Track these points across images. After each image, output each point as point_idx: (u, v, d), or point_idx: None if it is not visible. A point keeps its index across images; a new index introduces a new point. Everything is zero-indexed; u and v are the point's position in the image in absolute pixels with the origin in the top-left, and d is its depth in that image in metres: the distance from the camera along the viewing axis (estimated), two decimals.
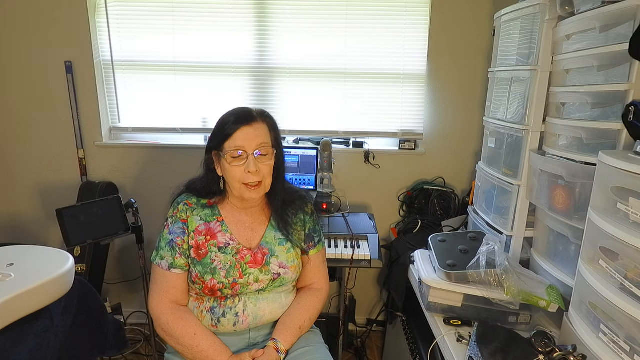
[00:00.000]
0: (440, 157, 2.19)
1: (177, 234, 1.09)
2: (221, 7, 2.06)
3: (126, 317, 2.31)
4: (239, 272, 1.06)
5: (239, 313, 1.07)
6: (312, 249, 1.17)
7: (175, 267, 1.08)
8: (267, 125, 1.08)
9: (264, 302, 1.09)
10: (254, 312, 1.08)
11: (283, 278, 1.10)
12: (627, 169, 0.86)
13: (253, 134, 1.04)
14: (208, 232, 1.10)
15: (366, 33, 2.08)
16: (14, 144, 2.19)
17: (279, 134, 1.13)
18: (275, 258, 1.09)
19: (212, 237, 1.09)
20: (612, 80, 1.09)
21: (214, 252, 1.08)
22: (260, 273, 1.08)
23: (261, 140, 1.04)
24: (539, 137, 1.39)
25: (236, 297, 1.08)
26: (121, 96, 2.19)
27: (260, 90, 2.17)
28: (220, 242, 1.09)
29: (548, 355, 0.99)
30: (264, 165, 1.05)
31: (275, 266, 1.09)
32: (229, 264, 1.06)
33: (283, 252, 1.11)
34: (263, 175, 1.05)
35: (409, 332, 1.71)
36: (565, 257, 1.26)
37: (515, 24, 1.53)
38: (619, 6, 1.03)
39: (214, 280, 1.05)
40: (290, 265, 1.11)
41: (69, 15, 2.03)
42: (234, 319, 1.07)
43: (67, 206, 1.57)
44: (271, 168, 1.08)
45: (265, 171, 1.05)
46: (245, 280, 1.07)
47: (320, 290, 1.19)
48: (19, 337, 1.10)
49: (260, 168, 1.04)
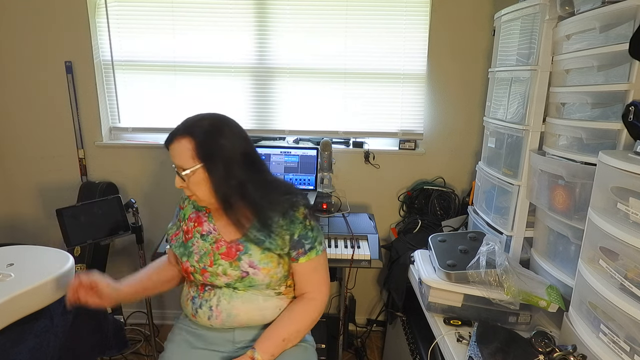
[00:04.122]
0: (440, 157, 2.19)
1: (177, 218, 1.22)
2: (221, 7, 2.06)
3: (126, 317, 2.31)
4: (210, 260, 1.08)
5: (212, 307, 1.08)
6: (301, 257, 1.08)
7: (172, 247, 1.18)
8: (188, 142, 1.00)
9: (238, 301, 1.08)
10: (227, 308, 1.07)
11: (252, 278, 1.06)
12: (627, 169, 0.86)
13: (173, 153, 1.03)
14: (197, 219, 1.15)
15: (366, 33, 2.08)
16: (14, 144, 2.19)
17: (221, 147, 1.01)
18: (247, 256, 1.06)
19: (198, 224, 1.14)
20: (612, 80, 1.09)
21: (197, 238, 1.12)
22: (230, 267, 1.06)
23: (176, 162, 1.03)
24: (539, 137, 1.39)
25: (212, 291, 1.10)
26: (121, 96, 2.19)
27: (260, 90, 2.17)
28: (204, 230, 1.12)
29: (548, 355, 0.99)
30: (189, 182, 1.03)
31: (245, 264, 1.06)
32: (204, 251, 1.09)
33: (257, 252, 1.06)
34: (190, 190, 1.05)
35: (409, 332, 1.71)
36: (565, 257, 1.26)
37: (515, 24, 1.53)
38: (619, 6, 1.03)
39: (187, 263, 1.09)
40: (262, 267, 1.05)
41: (69, 15, 2.03)
42: (208, 312, 1.08)
43: (67, 206, 1.57)
44: (197, 184, 1.02)
45: (190, 187, 1.04)
46: (214, 270, 1.07)
47: (313, 301, 1.11)
48: (19, 337, 1.10)
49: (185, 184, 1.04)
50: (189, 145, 1.00)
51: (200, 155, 1.00)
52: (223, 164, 1.01)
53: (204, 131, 1.02)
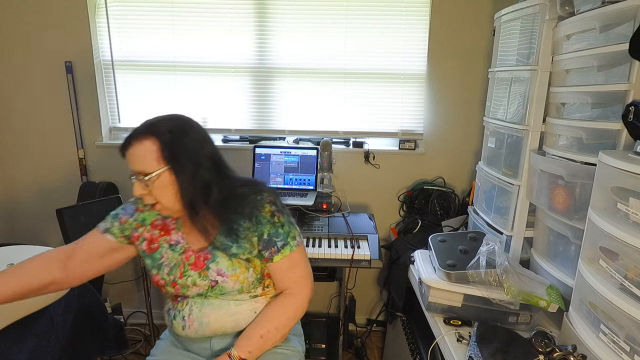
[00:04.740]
0: (440, 157, 2.19)
1: (125, 212, 1.08)
2: (221, 7, 2.06)
3: (126, 317, 2.31)
4: (180, 272, 1.03)
5: (185, 317, 1.05)
6: (275, 255, 1.03)
7: (110, 233, 1.06)
8: (152, 143, 0.93)
9: (209, 308, 1.04)
10: (198, 317, 1.04)
11: (222, 286, 1.02)
12: (627, 169, 0.86)
13: (131, 158, 0.95)
14: (163, 227, 1.08)
15: (366, 33, 2.08)
16: (14, 144, 2.19)
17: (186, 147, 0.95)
18: (215, 264, 1.02)
19: (166, 232, 1.07)
20: (612, 80, 1.09)
21: (165, 248, 1.06)
22: (199, 277, 1.02)
23: (137, 167, 0.94)
24: (539, 137, 1.39)
25: (185, 300, 1.06)
26: (121, 96, 2.19)
27: (260, 90, 2.17)
28: (172, 239, 1.07)
29: (548, 355, 0.99)
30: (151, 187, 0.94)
31: (213, 272, 1.02)
32: (174, 262, 1.04)
33: (224, 260, 1.02)
34: (153, 197, 0.96)
35: (409, 332, 1.71)
36: (565, 257, 1.26)
37: (515, 24, 1.53)
38: (619, 6, 1.03)
39: (158, 276, 1.05)
40: (230, 274, 1.01)
41: (69, 15, 2.03)
42: (182, 322, 1.05)
43: (67, 206, 1.57)
44: (162, 189, 0.94)
45: (154, 193, 0.95)
46: (184, 282, 1.03)
47: (292, 296, 1.06)
48: (19, 337, 1.10)
49: (147, 191, 0.95)
50: (154, 146, 0.93)
51: (166, 157, 0.93)
52: (190, 166, 0.95)
53: (169, 131, 0.95)
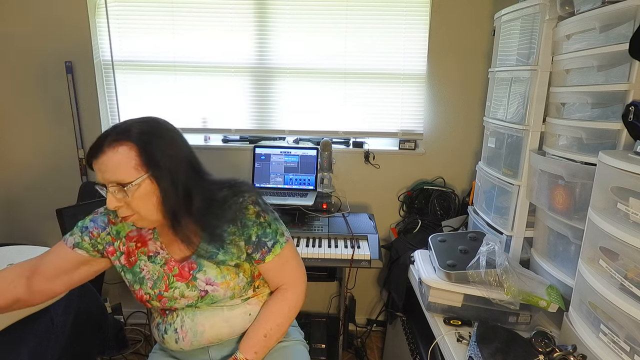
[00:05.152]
0: (440, 157, 2.18)
1: (96, 225, 1.00)
2: (221, 7, 2.06)
3: (126, 317, 2.31)
4: (165, 284, 0.98)
5: (177, 329, 1.00)
6: (267, 255, 1.00)
7: (80, 247, 0.98)
8: (129, 149, 0.84)
9: (202, 317, 1.00)
10: (192, 327, 1.00)
11: (212, 295, 0.97)
12: (627, 169, 0.86)
13: (103, 167, 0.85)
14: (139, 238, 1.01)
15: (366, 33, 2.08)
16: (14, 143, 2.19)
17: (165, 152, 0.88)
18: (202, 273, 0.97)
19: (142, 244, 1.01)
20: (612, 80, 1.09)
21: (143, 261, 1.00)
22: (187, 288, 0.97)
23: (110, 176, 0.84)
24: (539, 137, 1.39)
25: (174, 312, 1.02)
26: (121, 96, 2.19)
27: (260, 90, 2.17)
28: (150, 251, 1.00)
29: (548, 355, 0.99)
30: (126, 199, 0.86)
31: (202, 282, 0.97)
32: (157, 275, 0.98)
33: (212, 268, 0.97)
34: (131, 208, 0.87)
35: (409, 332, 1.71)
36: (565, 257, 1.26)
37: (515, 24, 1.53)
38: (619, 6, 1.03)
39: (141, 291, 0.99)
40: (220, 282, 0.97)
41: (69, 15, 2.03)
42: (175, 335, 1.01)
43: (67, 206, 1.57)
44: (142, 198, 0.86)
45: (133, 204, 0.86)
46: (171, 294, 0.98)
47: (289, 291, 1.05)
48: (19, 338, 1.10)
49: (124, 202, 0.87)
50: (131, 152, 0.84)
51: (145, 163, 0.85)
52: (169, 172, 0.87)
53: (146, 134, 0.87)
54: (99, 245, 1.00)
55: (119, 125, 0.89)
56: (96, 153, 0.85)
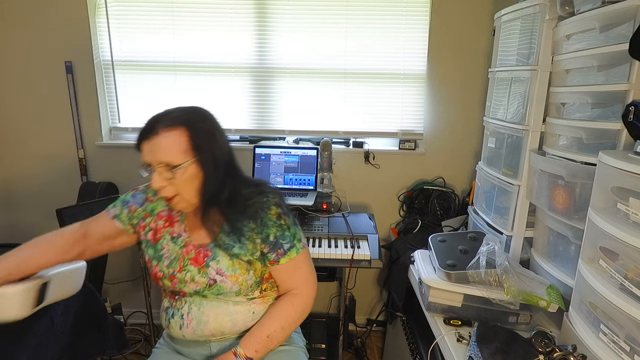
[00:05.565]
0: (440, 157, 2.19)
1: (135, 201, 1.09)
2: (221, 7, 2.06)
3: (126, 317, 2.31)
4: (180, 265, 1.02)
5: (183, 315, 1.04)
6: (282, 257, 1.02)
7: (119, 219, 1.07)
8: (182, 134, 0.91)
9: (208, 307, 1.03)
10: (197, 315, 1.03)
11: (220, 286, 1.00)
12: (627, 169, 0.86)
13: (154, 148, 0.91)
14: (168, 218, 1.08)
15: (366, 33, 2.08)
16: (14, 144, 2.19)
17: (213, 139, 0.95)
18: (215, 262, 1.00)
19: (170, 224, 1.07)
20: (612, 80, 1.09)
21: (166, 240, 1.05)
22: (198, 273, 1.01)
23: (162, 157, 0.90)
24: (539, 137, 1.39)
25: (183, 299, 1.05)
26: (121, 96, 2.19)
27: (260, 90, 2.17)
28: (174, 232, 1.06)
29: (548, 355, 0.99)
30: (173, 179, 0.92)
31: (213, 271, 1.00)
32: (174, 255, 1.03)
33: (225, 259, 1.00)
34: (175, 189, 0.93)
35: (409, 332, 1.71)
36: (565, 257, 1.26)
37: (515, 24, 1.53)
38: (619, 6, 1.03)
39: (157, 267, 1.04)
40: (230, 275, 0.99)
41: (69, 15, 2.03)
42: (180, 321, 1.04)
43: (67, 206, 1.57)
44: (186, 181, 0.93)
45: (177, 185, 0.92)
46: (182, 276, 1.01)
47: (298, 297, 1.05)
48: (19, 338, 1.10)
49: (169, 183, 0.92)
50: (182, 137, 0.91)
51: (194, 149, 0.91)
52: (213, 160, 0.94)
53: (200, 120, 0.94)
54: (134, 220, 1.08)
55: (171, 111, 0.96)
56: (149, 134, 0.92)
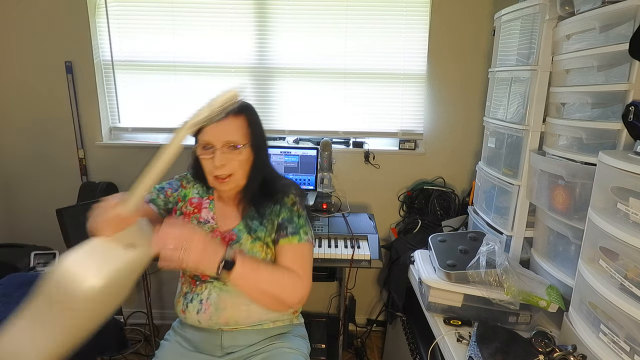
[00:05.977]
0: (440, 157, 2.18)
1: (171, 187, 1.18)
2: (221, 7, 2.06)
3: (126, 317, 2.31)
4: None
5: (203, 300, 1.08)
6: (282, 238, 1.06)
7: (155, 203, 1.13)
8: (243, 120, 1.05)
9: (226, 294, 1.08)
10: (215, 302, 1.07)
11: None
12: (627, 169, 0.86)
13: (223, 130, 1.02)
14: (197, 205, 1.16)
15: (366, 33, 2.08)
16: (14, 143, 2.19)
17: (261, 130, 1.11)
18: (237, 245, 1.07)
19: (198, 210, 1.15)
20: (612, 80, 1.09)
21: (194, 225, 1.11)
22: None
23: (229, 137, 1.02)
24: (539, 137, 1.39)
25: (204, 284, 1.09)
26: (121, 96, 2.19)
27: (260, 90, 2.17)
28: (202, 217, 1.13)
29: (548, 355, 0.99)
30: (233, 159, 1.03)
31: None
32: None
33: (247, 241, 1.08)
34: (232, 168, 1.04)
35: (409, 332, 1.71)
36: (565, 257, 1.26)
37: (515, 24, 1.53)
38: (619, 6, 1.03)
39: None
40: None
41: (69, 15, 2.03)
42: (198, 305, 1.08)
43: (67, 206, 1.57)
44: (242, 162, 1.05)
45: (234, 165, 1.03)
46: None
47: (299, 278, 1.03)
48: None
49: (229, 162, 1.03)
50: (244, 124, 1.05)
51: (251, 135, 1.06)
52: (261, 148, 1.09)
53: (255, 113, 1.10)
54: (169, 205, 1.16)
55: None
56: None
